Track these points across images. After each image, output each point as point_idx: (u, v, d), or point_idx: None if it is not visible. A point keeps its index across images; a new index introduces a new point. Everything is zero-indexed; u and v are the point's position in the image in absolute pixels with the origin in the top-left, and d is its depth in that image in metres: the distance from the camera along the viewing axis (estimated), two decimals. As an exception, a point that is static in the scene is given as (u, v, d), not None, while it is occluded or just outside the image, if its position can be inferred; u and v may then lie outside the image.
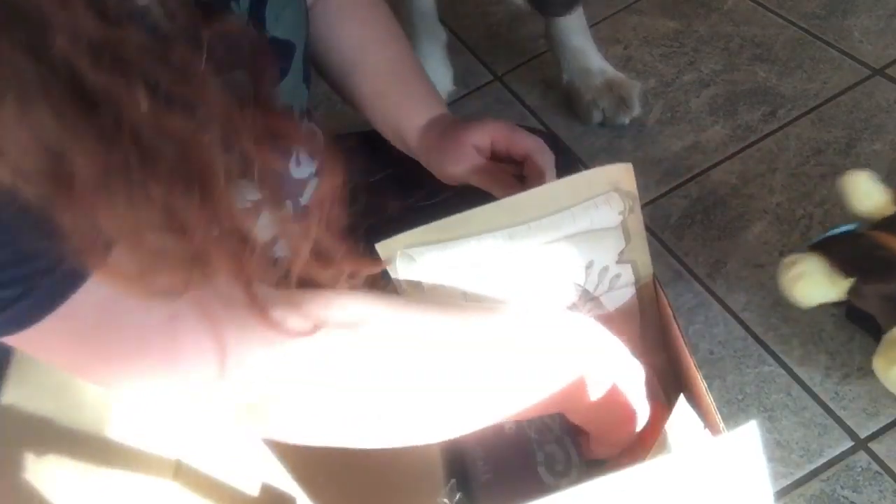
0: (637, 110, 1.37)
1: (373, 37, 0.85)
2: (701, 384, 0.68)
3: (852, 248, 1.01)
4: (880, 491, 0.92)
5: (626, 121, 1.37)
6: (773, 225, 1.18)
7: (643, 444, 0.64)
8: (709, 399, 0.67)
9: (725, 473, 0.55)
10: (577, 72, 1.40)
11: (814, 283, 1.01)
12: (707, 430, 0.65)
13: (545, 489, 0.71)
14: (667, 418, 0.60)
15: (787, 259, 1.03)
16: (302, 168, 0.76)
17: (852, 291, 1.00)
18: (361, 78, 0.84)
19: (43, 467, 0.66)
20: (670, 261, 1.18)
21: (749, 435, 0.54)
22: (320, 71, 0.87)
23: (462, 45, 1.60)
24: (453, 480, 0.73)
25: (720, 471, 0.55)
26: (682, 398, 0.64)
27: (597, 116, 1.38)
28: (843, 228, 1.05)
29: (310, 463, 0.70)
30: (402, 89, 0.86)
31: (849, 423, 0.97)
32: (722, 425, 0.65)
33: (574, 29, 1.38)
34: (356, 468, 0.70)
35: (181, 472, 0.67)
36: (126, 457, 0.66)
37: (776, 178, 1.24)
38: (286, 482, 0.69)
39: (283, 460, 0.70)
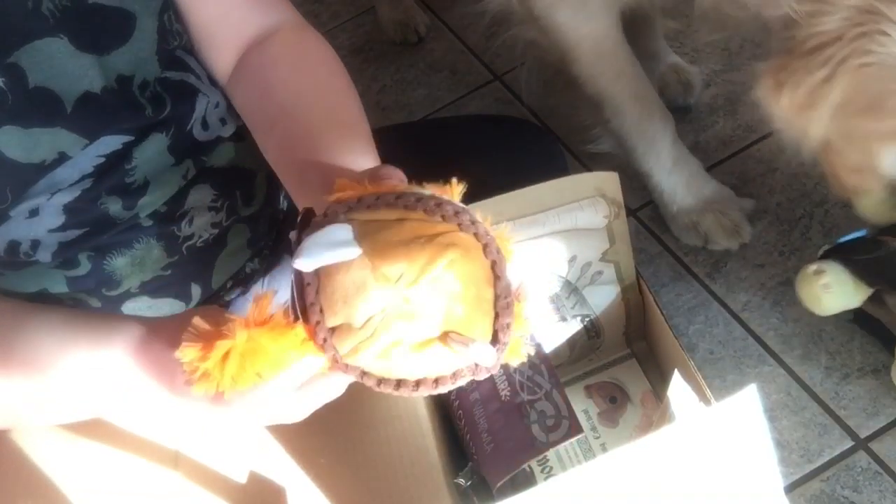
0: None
1: (308, 85, 0.73)
2: (689, 363, 0.73)
3: (873, 257, 0.97)
4: (880, 491, 0.92)
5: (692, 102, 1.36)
6: (773, 225, 1.18)
7: None
8: (698, 377, 0.71)
9: (729, 437, 0.57)
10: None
11: (841, 294, 0.97)
12: (701, 403, 0.67)
13: (539, 447, 0.74)
14: None
15: (809, 268, 0.98)
16: (210, 131, 0.75)
17: (872, 300, 0.97)
18: (289, 125, 0.70)
19: (46, 450, 0.68)
20: (670, 261, 1.18)
21: (749, 398, 0.56)
22: (247, 122, 0.75)
23: (462, 45, 1.60)
24: (471, 463, 0.74)
25: (724, 435, 0.57)
26: (676, 374, 0.66)
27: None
28: (855, 234, 1.01)
29: (309, 452, 0.71)
30: (333, 140, 0.68)
31: (849, 423, 0.97)
32: (712, 399, 0.68)
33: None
34: (352, 456, 0.71)
35: (181, 463, 0.69)
36: (126, 443, 0.68)
37: (776, 178, 1.23)
38: (280, 473, 0.70)
39: (282, 451, 0.71)
